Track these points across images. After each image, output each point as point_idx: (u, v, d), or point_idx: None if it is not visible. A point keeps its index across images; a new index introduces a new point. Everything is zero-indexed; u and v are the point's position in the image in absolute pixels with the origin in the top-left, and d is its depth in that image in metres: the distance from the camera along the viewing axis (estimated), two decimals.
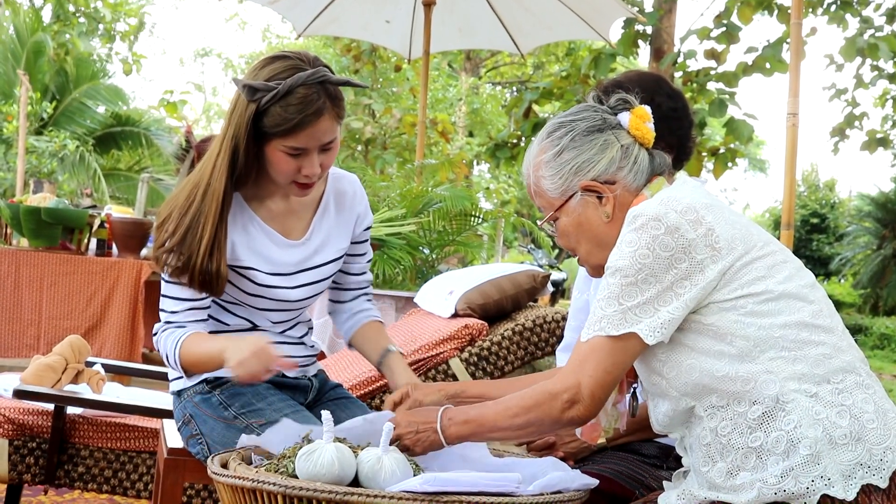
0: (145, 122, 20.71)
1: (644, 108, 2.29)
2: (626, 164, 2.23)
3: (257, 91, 2.54)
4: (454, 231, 6.96)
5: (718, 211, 2.09)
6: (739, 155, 11.23)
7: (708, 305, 2.03)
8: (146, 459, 3.79)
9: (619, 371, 2.06)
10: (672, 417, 2.12)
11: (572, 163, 2.23)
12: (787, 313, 2.02)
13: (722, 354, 2.00)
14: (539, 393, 2.11)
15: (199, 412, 2.78)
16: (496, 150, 12.25)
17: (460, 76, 23.35)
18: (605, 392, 2.06)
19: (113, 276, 6.37)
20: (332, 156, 2.67)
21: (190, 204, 2.65)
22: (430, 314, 4.40)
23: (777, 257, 2.09)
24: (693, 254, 2.02)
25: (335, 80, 2.59)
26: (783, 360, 1.98)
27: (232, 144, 2.61)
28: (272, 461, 2.19)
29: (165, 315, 2.75)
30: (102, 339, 6.32)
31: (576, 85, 11.67)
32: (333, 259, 2.88)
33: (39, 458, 3.71)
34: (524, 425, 2.13)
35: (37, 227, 6.50)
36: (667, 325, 2.02)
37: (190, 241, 2.64)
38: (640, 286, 2.02)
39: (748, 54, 10.76)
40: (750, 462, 1.96)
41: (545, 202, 2.29)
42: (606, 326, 2.04)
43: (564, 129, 2.27)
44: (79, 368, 4.01)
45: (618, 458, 2.75)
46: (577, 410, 2.06)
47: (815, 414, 1.93)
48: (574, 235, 2.27)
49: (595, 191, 2.22)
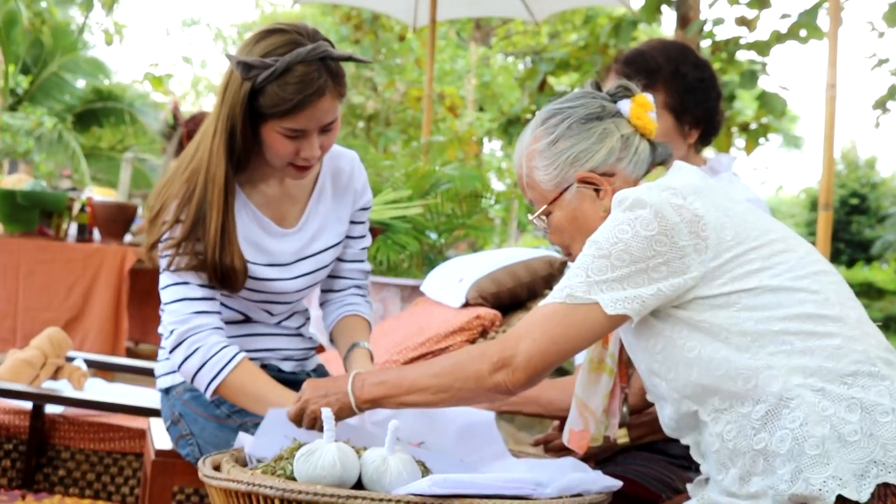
0: (129, 97, 20.71)
1: (646, 97, 2.28)
2: (626, 156, 2.23)
3: (252, 68, 2.53)
4: (464, 214, 6.95)
5: (709, 197, 2.08)
6: (772, 130, 11.21)
7: (694, 300, 2.02)
8: (132, 462, 3.81)
9: (569, 346, 2.04)
10: (678, 421, 2.12)
11: (568, 152, 2.22)
12: (788, 305, 2.01)
13: (718, 351, 2.00)
14: (467, 350, 2.11)
15: (189, 410, 2.78)
16: (508, 126, 12.23)
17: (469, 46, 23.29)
18: (543, 363, 2.04)
19: (95, 263, 6.38)
20: (332, 137, 2.66)
21: (191, 193, 2.64)
22: (438, 303, 4.40)
23: (776, 247, 2.07)
24: (675, 238, 2.01)
25: (337, 55, 2.58)
26: (785, 353, 1.97)
27: (228, 126, 2.59)
28: (269, 463, 2.20)
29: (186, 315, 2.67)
30: (84, 331, 6.32)
31: (594, 55, 11.64)
32: (333, 245, 2.87)
33: (16, 460, 3.73)
34: (444, 388, 2.11)
35: (12, 211, 6.51)
36: (632, 301, 2.00)
37: (201, 235, 2.62)
38: (612, 261, 2.01)
39: (782, 21, 10.71)
40: (759, 466, 1.96)
41: (537, 195, 2.28)
42: (566, 295, 2.03)
43: (560, 116, 2.26)
44: (58, 364, 4.03)
45: (642, 458, 2.75)
46: (505, 375, 2.05)
47: (822, 410, 1.93)
48: (568, 231, 2.26)
49: (592, 183, 2.22)
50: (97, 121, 20.71)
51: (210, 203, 2.62)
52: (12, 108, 18.92)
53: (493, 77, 22.59)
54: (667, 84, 2.94)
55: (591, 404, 2.36)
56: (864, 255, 28.37)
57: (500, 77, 22.82)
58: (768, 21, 31.86)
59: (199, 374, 2.64)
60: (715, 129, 3.03)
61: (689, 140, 2.99)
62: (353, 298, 3.01)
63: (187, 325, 2.65)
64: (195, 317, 2.66)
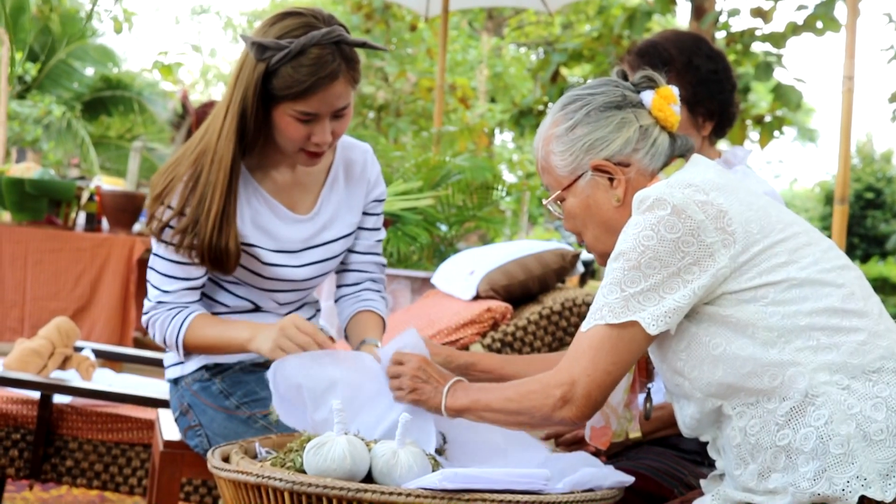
0: (138, 85, 20.67)
1: (670, 89, 2.28)
2: (644, 147, 2.22)
3: (267, 49, 2.53)
4: (475, 206, 6.96)
5: (732, 192, 2.08)
6: (787, 123, 11.17)
7: (722, 296, 2.03)
8: (140, 453, 3.81)
9: (620, 370, 2.05)
10: (699, 420, 2.12)
11: (585, 139, 2.22)
12: (814, 300, 2.01)
13: (745, 348, 2.00)
14: (536, 383, 2.12)
15: (197, 401, 2.79)
16: (520, 117, 12.21)
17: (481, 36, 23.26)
18: (602, 393, 2.06)
19: (103, 253, 6.39)
20: (344, 123, 2.66)
21: (197, 175, 2.64)
22: (449, 296, 4.40)
23: (801, 239, 2.08)
24: (702, 237, 2.01)
25: (352, 41, 2.59)
26: (811, 349, 1.98)
27: (240, 108, 2.60)
28: (278, 455, 2.20)
29: (157, 294, 2.74)
30: (92, 321, 6.34)
31: (608, 46, 11.61)
32: (344, 235, 2.87)
33: (24, 450, 3.73)
34: (515, 412, 2.14)
35: (20, 199, 6.52)
36: (671, 315, 2.01)
37: (198, 216, 2.63)
38: (643, 270, 2.02)
39: (798, 12, 10.68)
40: (780, 462, 1.96)
41: (552, 179, 2.29)
42: (607, 315, 2.04)
43: (580, 102, 2.26)
44: (66, 353, 4.04)
45: (655, 453, 2.75)
46: (568, 411, 2.06)
47: (848, 408, 1.93)
48: (581, 218, 2.27)
49: (606, 171, 2.21)
50: (106, 109, 20.68)
51: (214, 184, 2.63)
52: (20, 96, 18.90)
53: (505, 68, 22.57)
54: (679, 75, 2.93)
55: (612, 401, 2.35)
56: (879, 250, 28.27)
57: (513, 68, 22.80)
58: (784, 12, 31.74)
59: (169, 336, 2.72)
60: (730, 122, 3.02)
61: (703, 132, 2.98)
62: (367, 294, 3.00)
63: (168, 297, 2.74)
64: (178, 293, 2.74)
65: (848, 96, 5.34)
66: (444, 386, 2.25)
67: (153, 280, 2.75)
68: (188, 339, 2.70)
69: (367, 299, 2.99)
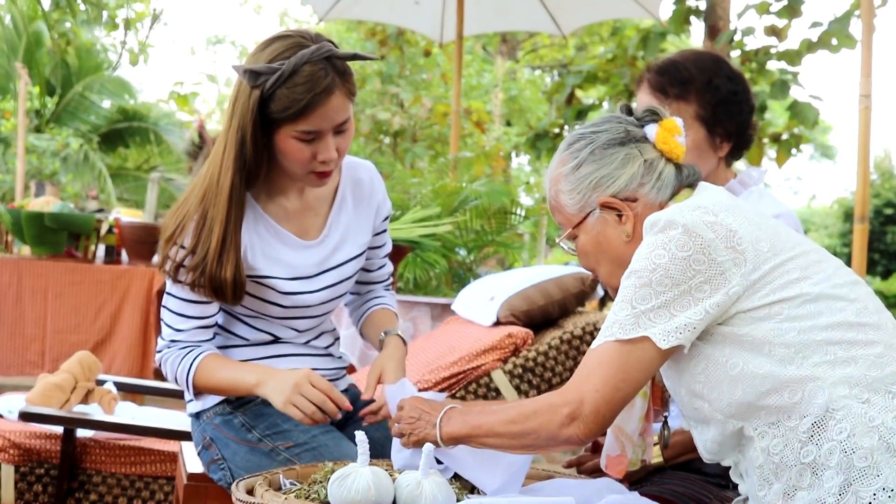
0: (154, 116, 20.77)
1: (674, 121, 2.29)
2: (649, 181, 2.24)
3: (260, 75, 2.55)
4: (493, 230, 6.96)
5: (740, 213, 2.10)
6: (804, 141, 11.14)
7: (736, 315, 2.03)
8: (164, 486, 3.82)
9: (630, 388, 2.05)
10: (721, 444, 2.11)
11: (591, 177, 2.25)
12: (829, 314, 2.02)
13: (762, 366, 2.00)
14: (540, 402, 2.11)
15: (220, 435, 2.79)
16: (536, 140, 12.20)
17: (496, 60, 23.31)
18: (611, 411, 2.05)
19: (123, 285, 6.41)
20: (347, 138, 2.68)
21: (206, 212, 2.66)
22: (470, 322, 4.40)
23: (811, 257, 2.10)
24: (713, 255, 2.02)
25: (341, 54, 2.61)
26: (829, 364, 1.98)
27: (238, 137, 2.62)
28: (302, 486, 2.20)
29: (170, 332, 2.77)
30: (113, 353, 6.35)
31: (622, 68, 11.61)
32: (356, 256, 2.89)
33: (48, 485, 3.74)
34: (519, 434, 2.13)
35: (40, 233, 6.55)
36: (682, 331, 2.01)
37: (202, 249, 2.65)
38: (654, 288, 2.03)
39: (813, 29, 10.66)
40: (805, 480, 1.96)
41: (563, 218, 2.32)
42: (617, 331, 2.04)
43: (584, 141, 2.28)
44: (89, 387, 4.05)
45: (679, 478, 2.74)
46: (576, 428, 2.06)
47: (870, 420, 1.93)
48: (594, 255, 2.29)
49: (614, 208, 2.23)
50: (123, 141, 20.78)
51: (214, 216, 2.64)
52: (38, 130, 19.02)
53: (520, 91, 22.60)
54: (699, 95, 2.93)
55: (627, 429, 2.36)
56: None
57: (528, 91, 22.83)
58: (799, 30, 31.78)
59: (180, 375, 2.75)
60: (747, 143, 3.02)
61: (720, 153, 2.98)
62: (378, 291, 3.13)
63: (180, 335, 2.76)
64: (190, 331, 2.75)
65: (865, 114, 5.30)
66: (437, 416, 2.25)
67: (166, 319, 2.77)
68: (197, 379, 2.72)
69: (378, 296, 3.11)
